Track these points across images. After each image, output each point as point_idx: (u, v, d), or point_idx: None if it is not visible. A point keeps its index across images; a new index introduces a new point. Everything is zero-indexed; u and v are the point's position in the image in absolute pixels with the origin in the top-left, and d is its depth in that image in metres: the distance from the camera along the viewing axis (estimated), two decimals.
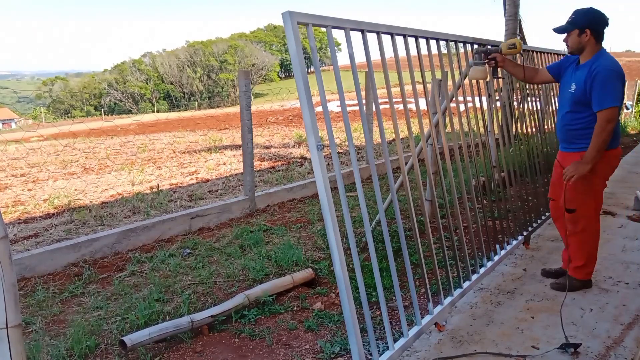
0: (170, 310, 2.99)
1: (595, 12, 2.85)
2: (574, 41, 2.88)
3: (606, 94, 2.69)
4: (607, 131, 2.70)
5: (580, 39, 2.85)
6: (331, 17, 2.02)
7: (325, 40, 51.93)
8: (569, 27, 2.87)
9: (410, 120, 2.57)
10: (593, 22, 2.81)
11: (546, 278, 3.28)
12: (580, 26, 2.83)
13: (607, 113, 2.68)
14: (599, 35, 2.84)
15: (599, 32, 2.83)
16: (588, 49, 2.86)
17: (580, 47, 2.87)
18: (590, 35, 2.81)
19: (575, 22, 2.84)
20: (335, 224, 1.91)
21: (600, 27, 2.83)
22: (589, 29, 2.80)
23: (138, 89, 66.16)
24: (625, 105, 16.37)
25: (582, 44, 2.86)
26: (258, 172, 7.43)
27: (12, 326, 1.38)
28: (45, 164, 9.38)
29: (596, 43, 2.85)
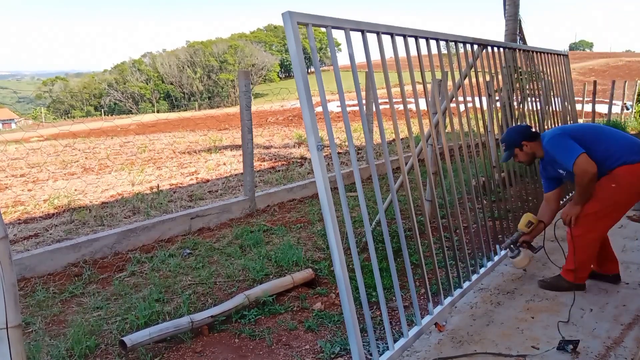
0: (170, 311, 2.99)
1: (515, 129, 3.20)
2: (523, 157, 3.16)
3: (563, 154, 2.86)
4: (585, 180, 2.79)
5: (524, 152, 3.13)
6: (331, 17, 2.02)
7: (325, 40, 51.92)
8: (511, 152, 3.16)
9: (410, 121, 2.57)
10: (520, 136, 3.11)
11: (546, 276, 3.26)
12: (516, 145, 3.13)
13: (577, 166, 2.77)
14: (532, 138, 3.11)
15: (530, 136, 3.11)
16: (537, 150, 3.12)
17: (531, 154, 3.14)
18: (527, 143, 3.10)
19: (510, 146, 3.15)
20: (335, 224, 1.91)
21: (528, 134, 3.12)
22: (523, 141, 3.10)
23: (138, 89, 66.16)
24: (625, 105, 16.36)
25: (529, 153, 3.13)
26: (258, 172, 7.43)
27: (12, 326, 1.38)
28: (45, 164, 9.38)
29: (535, 142, 3.11)
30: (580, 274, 3.03)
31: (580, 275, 3.03)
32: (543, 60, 4.73)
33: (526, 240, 3.22)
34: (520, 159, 3.18)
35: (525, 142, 3.09)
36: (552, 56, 5.06)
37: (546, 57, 4.83)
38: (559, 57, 5.31)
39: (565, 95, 5.45)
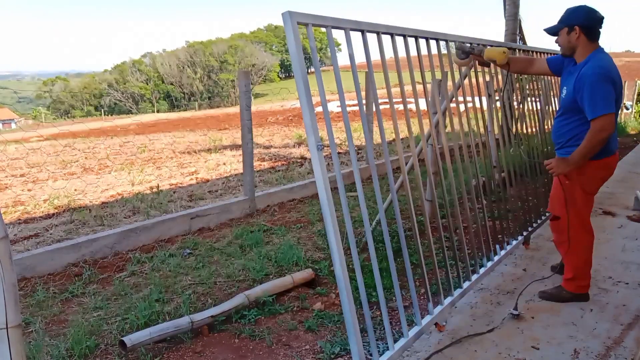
0: (170, 311, 2.99)
1: (585, 8, 2.64)
2: (563, 40, 2.70)
3: (596, 101, 2.49)
4: (599, 140, 2.53)
5: (569, 37, 2.66)
6: (331, 17, 2.02)
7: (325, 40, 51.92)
8: (558, 26, 2.70)
9: (410, 121, 2.57)
10: (583, 19, 2.61)
11: (546, 276, 3.26)
12: (568, 24, 2.64)
13: (601, 122, 2.49)
14: (590, 33, 2.62)
15: (591, 29, 2.62)
16: (580, 48, 2.66)
17: (571, 46, 2.68)
18: (580, 32, 2.61)
19: (564, 20, 2.66)
20: (335, 224, 1.90)
21: (592, 24, 2.62)
22: (579, 26, 2.61)
23: (138, 89, 66.18)
24: (625, 105, 16.36)
25: (572, 43, 2.66)
26: (258, 172, 7.43)
27: (12, 326, 1.38)
28: (45, 164, 9.38)
29: (589, 42, 2.63)
30: (580, 282, 2.93)
31: (579, 283, 2.94)
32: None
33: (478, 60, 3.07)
34: (559, 42, 2.72)
35: (580, 28, 2.59)
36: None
37: (546, 57, 4.82)
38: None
39: None
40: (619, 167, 7.11)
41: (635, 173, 6.76)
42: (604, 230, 4.22)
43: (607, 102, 2.48)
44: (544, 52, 4.72)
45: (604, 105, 2.48)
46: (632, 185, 5.89)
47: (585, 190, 2.82)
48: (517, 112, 4.34)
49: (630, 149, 9.08)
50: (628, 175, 6.60)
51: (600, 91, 2.49)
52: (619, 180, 6.16)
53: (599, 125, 2.50)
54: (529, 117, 4.14)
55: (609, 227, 4.29)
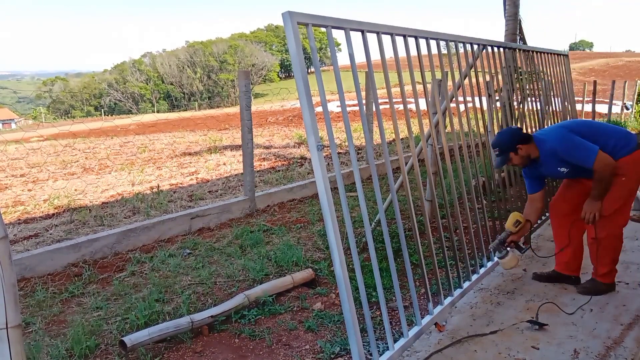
0: (170, 311, 2.99)
1: (508, 132, 3.04)
2: (518, 160, 3.02)
3: (580, 153, 2.80)
4: (607, 173, 2.78)
5: (520, 155, 2.99)
6: (331, 17, 2.02)
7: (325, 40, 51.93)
8: (505, 158, 3.01)
9: (410, 121, 2.57)
10: (515, 140, 2.97)
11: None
12: (511, 150, 2.98)
13: (597, 162, 2.75)
14: (526, 140, 2.98)
15: (524, 138, 2.98)
16: (532, 153, 2.99)
17: (526, 157, 3.00)
18: (522, 146, 2.97)
19: (505, 150, 2.99)
20: (335, 224, 1.90)
21: (522, 136, 2.99)
22: (518, 144, 2.96)
23: (138, 89, 66.18)
24: (625, 105, 16.35)
25: (524, 156, 3.00)
26: (258, 172, 7.43)
27: (12, 326, 1.37)
28: (45, 164, 9.38)
29: (529, 144, 2.99)
30: (614, 272, 3.08)
31: (614, 273, 3.08)
32: (543, 60, 4.73)
33: (514, 240, 3.17)
34: (515, 162, 3.07)
35: (520, 145, 2.98)
36: (552, 56, 5.06)
37: (546, 57, 4.83)
38: (559, 57, 5.31)
39: (565, 95, 5.45)
40: None
41: None
42: None
43: (588, 148, 2.77)
44: (543, 51, 4.73)
45: (588, 152, 2.77)
46: None
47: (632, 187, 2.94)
48: (517, 112, 4.35)
49: None
50: None
51: (575, 148, 2.82)
52: None
53: (599, 166, 2.75)
54: (529, 117, 4.14)
55: None
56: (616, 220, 2.96)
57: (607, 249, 3.00)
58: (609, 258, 3.01)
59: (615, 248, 3.02)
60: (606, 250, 3.00)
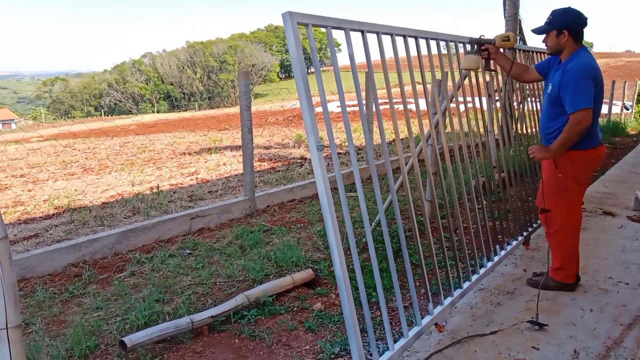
0: (170, 311, 2.99)
1: (572, 12, 2.82)
2: (552, 42, 2.87)
3: (576, 95, 2.67)
4: (575, 132, 2.69)
5: (558, 39, 2.83)
6: (331, 18, 2.02)
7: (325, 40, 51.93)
8: (546, 28, 2.85)
9: (410, 121, 2.57)
10: (571, 23, 2.79)
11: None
12: (557, 27, 2.81)
13: (579, 115, 2.65)
14: (577, 35, 2.81)
15: (578, 32, 2.81)
16: (567, 49, 2.84)
17: (559, 47, 2.86)
18: (568, 35, 2.80)
19: (553, 23, 2.82)
20: (335, 224, 1.90)
21: (579, 27, 2.81)
22: (567, 29, 2.79)
23: (138, 90, 66.19)
24: (624, 105, 16.35)
25: (560, 44, 2.84)
26: (258, 172, 7.43)
27: (12, 327, 1.38)
28: (45, 165, 9.38)
29: (575, 43, 2.82)
30: (566, 272, 3.04)
31: (566, 272, 3.04)
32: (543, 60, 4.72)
33: (490, 51, 3.11)
34: (547, 43, 2.89)
35: (568, 32, 2.77)
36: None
37: (546, 57, 4.82)
38: None
39: None
40: (619, 168, 7.13)
41: (635, 173, 6.75)
42: (604, 231, 4.22)
43: (587, 98, 2.65)
44: (544, 52, 4.72)
45: (583, 100, 2.65)
46: (632, 185, 5.89)
47: (578, 181, 2.95)
48: (517, 112, 4.34)
49: (630, 149, 9.07)
50: (628, 175, 6.60)
51: (581, 87, 2.67)
52: (619, 181, 6.16)
53: (577, 118, 2.66)
54: (529, 117, 4.14)
55: (609, 228, 4.29)
56: (561, 215, 2.95)
57: (557, 244, 3.02)
58: (558, 252, 3.02)
59: (563, 243, 2.99)
60: (556, 245, 3.02)
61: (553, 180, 2.95)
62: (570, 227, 2.99)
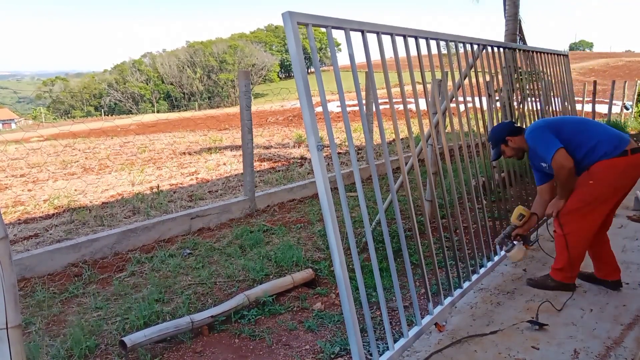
0: (170, 311, 2.99)
1: (498, 126, 3.24)
2: (510, 152, 3.18)
3: (542, 148, 2.90)
4: (563, 175, 2.83)
5: (510, 147, 3.15)
6: (331, 18, 2.02)
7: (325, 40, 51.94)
8: (498, 151, 3.19)
9: (410, 121, 2.57)
10: (504, 132, 3.15)
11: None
12: (501, 142, 3.16)
13: (555, 161, 2.82)
14: (515, 132, 3.14)
15: (513, 131, 3.14)
16: (521, 144, 3.13)
17: (518, 149, 3.15)
18: (511, 138, 3.12)
19: (497, 143, 3.18)
20: (335, 224, 1.90)
21: (511, 129, 3.16)
22: (507, 137, 3.13)
23: (138, 90, 66.17)
24: (624, 105, 16.35)
25: (515, 148, 3.15)
26: (258, 172, 7.43)
27: (12, 326, 1.37)
28: (45, 165, 9.38)
29: (520, 136, 3.12)
30: (569, 273, 3.03)
31: (569, 274, 3.03)
32: (543, 60, 4.73)
33: (519, 233, 3.19)
34: (508, 155, 3.20)
35: (509, 137, 3.12)
36: (552, 56, 5.06)
37: (546, 57, 4.83)
38: (559, 57, 5.31)
39: (565, 95, 5.45)
40: None
41: None
42: None
43: (550, 143, 2.85)
44: (544, 52, 4.73)
45: (547, 148, 2.85)
46: None
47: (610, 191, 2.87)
48: (517, 112, 4.35)
49: None
50: None
51: (540, 140, 2.92)
52: None
53: (555, 164, 2.83)
54: (529, 117, 4.14)
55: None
56: (577, 220, 2.92)
57: (563, 246, 2.99)
58: (564, 254, 3.00)
59: (571, 247, 2.98)
60: (564, 247, 3.00)
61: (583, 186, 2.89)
62: (583, 234, 2.95)
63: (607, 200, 2.89)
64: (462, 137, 3.13)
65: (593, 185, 2.83)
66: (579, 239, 2.95)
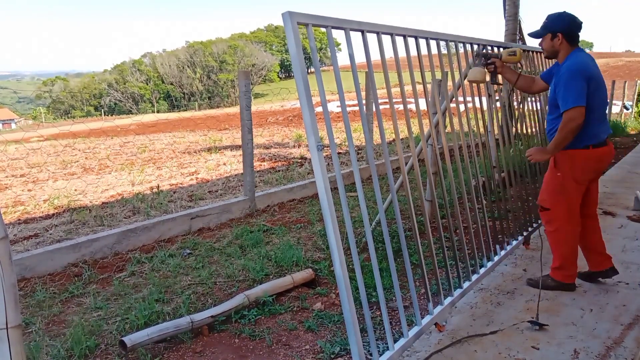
0: (170, 311, 2.99)
1: (567, 16, 2.92)
2: (547, 45, 2.97)
3: (568, 95, 2.74)
4: (568, 129, 2.74)
5: (553, 42, 2.93)
6: (331, 18, 2.02)
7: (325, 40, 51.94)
8: (542, 32, 2.97)
9: (410, 121, 2.57)
10: (565, 26, 2.89)
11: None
12: (552, 30, 2.91)
13: (570, 113, 2.71)
14: (572, 39, 2.90)
15: (572, 35, 2.90)
16: (562, 51, 2.93)
17: (554, 50, 2.96)
18: (562, 38, 2.89)
19: (548, 27, 2.93)
20: (335, 224, 1.90)
21: (573, 30, 2.90)
22: (561, 32, 2.88)
23: (138, 90, 66.17)
24: (624, 105, 16.36)
25: (555, 47, 2.94)
26: (258, 172, 7.43)
27: (12, 326, 1.38)
28: (45, 165, 9.38)
29: (570, 45, 2.91)
30: (566, 271, 3.04)
31: (566, 272, 3.05)
32: (543, 60, 4.73)
33: (496, 64, 3.18)
34: (543, 46, 3.01)
35: (563, 35, 2.87)
36: None
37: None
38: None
39: None
40: (619, 168, 7.13)
41: (635, 173, 6.75)
42: (604, 231, 4.19)
43: (577, 96, 2.71)
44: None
45: (574, 98, 2.71)
46: (632, 185, 5.89)
47: (577, 180, 2.95)
48: (517, 112, 4.34)
49: (630, 149, 9.07)
50: (628, 175, 6.60)
51: (571, 86, 2.74)
52: (619, 181, 6.16)
53: (568, 116, 2.73)
54: (529, 117, 4.14)
55: (609, 228, 4.29)
56: (561, 214, 2.97)
57: (556, 243, 3.04)
58: (558, 251, 3.04)
59: (563, 242, 3.00)
60: (556, 244, 3.04)
61: (553, 179, 2.98)
62: (570, 227, 3.00)
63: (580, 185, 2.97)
64: (462, 137, 3.13)
65: (560, 178, 2.92)
66: (566, 234, 3.00)
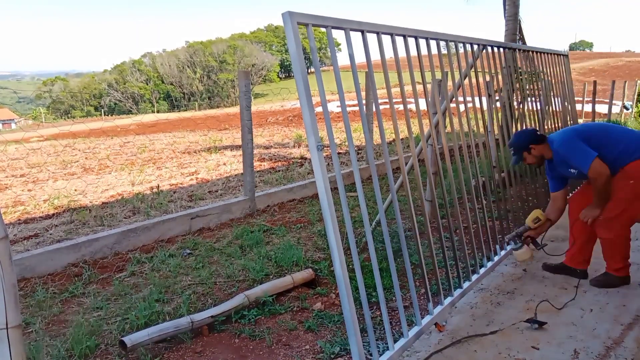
0: (170, 311, 2.99)
1: (520, 132, 3.28)
2: (531, 159, 3.20)
3: (578, 157, 2.92)
4: (601, 183, 2.87)
5: (532, 154, 3.17)
6: (331, 18, 2.02)
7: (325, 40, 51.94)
8: (519, 156, 3.20)
9: (410, 121, 2.57)
10: (527, 138, 3.17)
11: (546, 276, 3.28)
12: (523, 148, 3.17)
13: (592, 170, 2.86)
14: (538, 140, 3.16)
15: (537, 139, 3.16)
16: (544, 152, 3.16)
17: (539, 156, 3.18)
18: (535, 146, 3.15)
19: (519, 148, 3.18)
20: (335, 224, 1.91)
21: (535, 137, 3.17)
22: (530, 143, 3.15)
23: (138, 90, 66.17)
24: (624, 105, 16.36)
25: (537, 155, 3.17)
26: (258, 172, 7.43)
27: (12, 326, 1.38)
28: (45, 165, 9.38)
29: (543, 144, 3.15)
30: (627, 267, 3.14)
31: (627, 268, 3.14)
32: (543, 60, 4.73)
33: (531, 235, 3.27)
34: (529, 162, 3.24)
35: (533, 145, 3.14)
36: (552, 56, 5.06)
37: (546, 57, 4.83)
38: (558, 57, 5.31)
39: (565, 95, 5.45)
40: None
41: None
42: None
43: (585, 153, 2.90)
44: (543, 52, 4.73)
45: (585, 156, 2.89)
46: None
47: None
48: (517, 112, 4.35)
49: None
50: None
51: (573, 152, 2.96)
52: None
53: (592, 173, 2.88)
54: (529, 117, 4.14)
55: None
56: (623, 221, 3.00)
57: (618, 248, 3.07)
58: (619, 256, 3.09)
59: (625, 246, 3.09)
60: (617, 249, 3.07)
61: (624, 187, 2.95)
62: (626, 232, 3.07)
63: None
64: (462, 137, 3.13)
65: (633, 185, 2.91)
66: (624, 238, 3.06)
